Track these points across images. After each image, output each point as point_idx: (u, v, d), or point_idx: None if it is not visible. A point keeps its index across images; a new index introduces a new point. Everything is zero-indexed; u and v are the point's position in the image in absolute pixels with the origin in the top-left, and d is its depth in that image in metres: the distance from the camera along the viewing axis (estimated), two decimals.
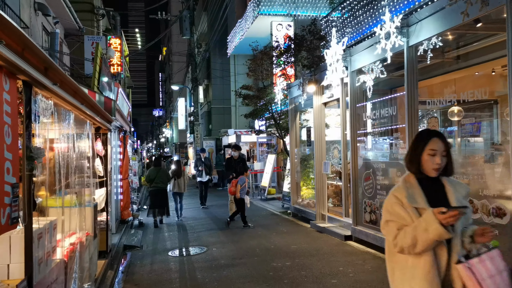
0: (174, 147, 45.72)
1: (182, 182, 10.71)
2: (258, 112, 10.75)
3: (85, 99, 4.01)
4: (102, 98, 6.50)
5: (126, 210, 10.02)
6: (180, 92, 32.63)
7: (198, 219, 10.68)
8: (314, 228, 8.29)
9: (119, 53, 13.02)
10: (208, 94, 24.50)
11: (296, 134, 10.18)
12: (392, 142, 6.22)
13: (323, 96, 8.70)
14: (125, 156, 10.09)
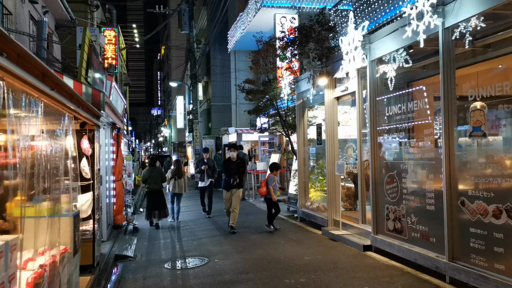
0: (173, 147, 44.91)
1: (182, 182, 10.12)
2: (263, 109, 9.94)
3: (58, 84, 3.22)
4: (90, 90, 5.70)
5: (119, 215, 9.22)
6: (178, 89, 31.82)
7: (198, 223, 9.88)
8: (327, 236, 7.51)
9: (114, 46, 12.21)
10: (207, 91, 23.69)
11: (304, 132, 9.39)
12: (422, 140, 5.42)
13: (335, 90, 7.91)
14: (119, 155, 9.28)
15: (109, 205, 8.96)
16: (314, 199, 9.60)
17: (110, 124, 8.95)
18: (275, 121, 10.60)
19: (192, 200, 14.52)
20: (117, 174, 9.18)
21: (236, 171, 8.57)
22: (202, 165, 10.56)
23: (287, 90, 9.26)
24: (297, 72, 9.81)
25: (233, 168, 8.56)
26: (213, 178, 10.67)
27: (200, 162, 10.78)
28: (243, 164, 8.69)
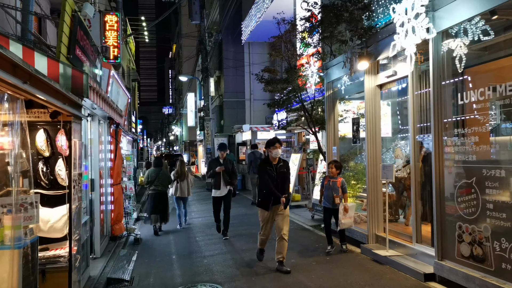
0: (184, 145, 43.79)
1: (185, 185, 9.18)
2: (285, 101, 8.48)
3: None
4: (69, 71, 4.36)
5: (118, 224, 7.89)
6: (189, 86, 30.56)
7: (209, 234, 8.50)
8: (369, 256, 6.04)
9: (116, 33, 10.91)
10: (219, 86, 22.32)
11: (334, 128, 7.92)
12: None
13: (378, 76, 6.44)
14: (118, 155, 7.95)
15: (106, 213, 7.65)
16: None
17: (107, 119, 7.64)
18: (298, 116, 9.11)
19: (202, 204, 13.15)
20: (115, 177, 7.85)
21: (280, 179, 5.65)
22: (216, 166, 7.76)
23: (315, 79, 7.80)
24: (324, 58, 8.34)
25: (275, 175, 5.62)
26: (233, 185, 7.82)
27: (213, 163, 7.93)
28: (288, 169, 5.80)
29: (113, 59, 11.19)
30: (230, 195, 7.91)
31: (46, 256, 4.03)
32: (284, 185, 5.68)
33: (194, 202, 13.73)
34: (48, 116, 4.08)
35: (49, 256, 4.01)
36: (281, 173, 5.66)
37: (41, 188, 4.30)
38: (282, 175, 5.68)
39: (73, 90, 4.45)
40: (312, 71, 7.89)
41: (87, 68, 6.43)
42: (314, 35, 8.28)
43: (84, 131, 5.58)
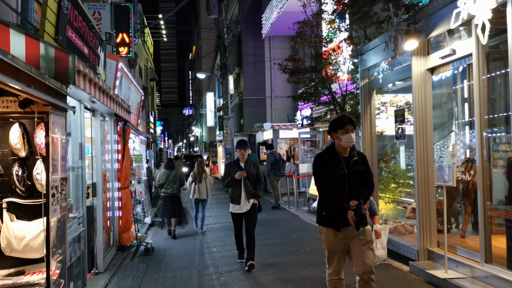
0: (204, 146, 43.21)
1: (204, 187, 8.66)
2: (312, 94, 7.43)
3: None
4: (52, 51, 3.51)
5: (126, 232, 7.05)
6: (208, 85, 29.83)
7: (228, 244, 7.56)
8: (421, 276, 4.96)
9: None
10: (239, 84, 21.42)
11: (370, 122, 6.85)
12: None
13: (429, 58, 5.36)
14: (126, 156, 7.12)
15: (113, 221, 6.81)
16: (385, 214, 7.06)
17: (113, 116, 6.82)
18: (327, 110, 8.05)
19: (223, 208, 12.24)
20: (123, 180, 7.02)
21: (355, 181, 3.45)
22: (235, 171, 5.68)
23: (347, 66, 6.75)
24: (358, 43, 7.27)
25: (345, 173, 3.43)
26: (258, 197, 5.76)
27: (232, 166, 5.86)
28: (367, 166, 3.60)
29: (125, 54, 10.41)
30: (255, 211, 5.78)
31: (19, 283, 3.16)
32: (361, 190, 3.45)
33: (212, 206, 12.84)
34: (16, 105, 3.22)
35: (22, 284, 3.14)
36: (356, 172, 3.43)
37: (16, 197, 3.45)
38: (358, 175, 3.44)
39: (58, 76, 3.59)
40: (344, 57, 6.85)
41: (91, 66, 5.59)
42: (345, 18, 7.24)
43: (78, 126, 4.74)
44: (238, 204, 5.71)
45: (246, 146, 5.88)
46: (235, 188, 5.70)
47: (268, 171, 11.48)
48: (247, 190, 5.66)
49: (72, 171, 4.48)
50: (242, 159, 5.80)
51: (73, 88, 4.14)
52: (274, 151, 11.72)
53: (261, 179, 5.86)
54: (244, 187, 5.65)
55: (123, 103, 6.53)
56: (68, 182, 4.07)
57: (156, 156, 25.03)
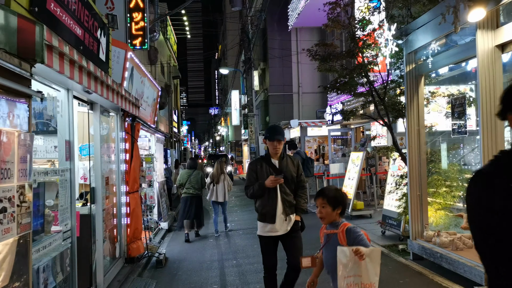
0: (229, 146, 42.59)
1: (221, 188, 8.31)
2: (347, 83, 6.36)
3: None
4: (14, 20, 2.69)
5: (135, 242, 6.26)
6: (232, 82, 29.06)
7: (251, 256, 6.65)
8: None
9: (141, 14, 9.37)
10: (264, 80, 20.47)
11: (418, 115, 5.76)
12: None
13: (499, 31, 4.24)
14: (134, 156, 6.32)
15: (120, 229, 6.04)
16: (435, 223, 5.95)
17: (120, 111, 6.04)
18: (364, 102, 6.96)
19: (246, 212, 11.34)
20: (131, 183, 6.23)
21: None
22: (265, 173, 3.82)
23: (390, 49, 5.68)
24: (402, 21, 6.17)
25: None
26: (303, 211, 3.93)
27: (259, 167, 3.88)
28: None
29: (139, 46, 9.67)
30: (298, 233, 3.89)
31: None
32: None
33: (235, 208, 11.99)
34: None
35: None
36: None
37: None
38: None
39: (21, 51, 2.77)
40: (386, 38, 5.77)
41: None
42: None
43: (66, 121, 3.93)
44: (272, 223, 3.75)
45: (281, 136, 3.81)
46: (267, 200, 3.76)
47: None
48: (286, 201, 3.76)
49: (56, 175, 3.67)
50: (275, 155, 3.83)
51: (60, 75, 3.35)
52: (299, 150, 10.72)
53: (304, 182, 3.97)
54: (282, 197, 3.75)
55: (129, 96, 5.72)
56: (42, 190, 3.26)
57: (180, 156, 24.46)
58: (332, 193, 2.72)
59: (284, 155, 3.89)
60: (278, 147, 3.80)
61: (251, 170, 3.93)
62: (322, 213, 2.69)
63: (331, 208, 2.67)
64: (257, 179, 3.82)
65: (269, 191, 3.75)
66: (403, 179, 6.59)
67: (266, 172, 3.78)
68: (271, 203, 3.76)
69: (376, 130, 11.50)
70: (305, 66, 18.06)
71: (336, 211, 2.68)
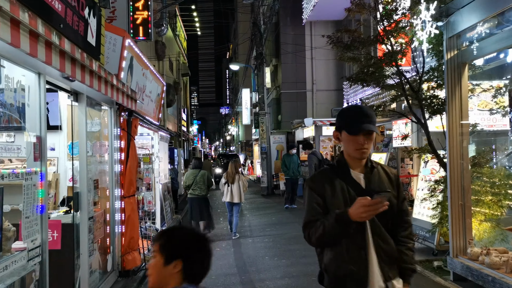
0: (240, 146, 41.87)
1: (236, 189, 8.00)
2: (374, 73, 5.48)
3: None
4: None
5: (131, 254, 5.51)
6: (243, 80, 28.28)
7: (267, 268, 5.84)
8: None
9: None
10: (276, 77, 19.63)
11: (461, 111, 4.89)
12: None
13: None
14: (131, 155, 5.57)
15: (113, 239, 5.30)
16: (477, 237, 5.08)
17: (114, 104, 5.32)
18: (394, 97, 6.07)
19: (259, 216, 10.50)
20: (126, 186, 5.48)
21: None
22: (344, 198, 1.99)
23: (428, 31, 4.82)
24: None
25: None
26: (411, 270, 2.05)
27: (330, 186, 2.01)
28: None
29: (142, 36, 8.95)
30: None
31: None
32: None
33: (245, 213, 11.19)
34: None
35: None
36: None
37: None
38: None
39: None
40: (422, 18, 4.91)
41: None
42: None
43: (37, 113, 3.18)
44: None
45: (373, 124, 1.98)
46: (348, 250, 1.96)
47: (310, 174, 9.68)
48: (383, 252, 1.98)
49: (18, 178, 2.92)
50: (359, 161, 2.04)
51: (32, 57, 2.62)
52: (315, 150, 9.92)
53: (409, 214, 2.17)
54: (376, 243, 1.97)
55: (123, 87, 4.97)
56: None
57: (189, 156, 23.78)
58: (167, 235, 1.58)
59: (372, 163, 2.06)
60: (366, 147, 1.96)
61: (313, 192, 2.03)
62: (150, 268, 1.56)
63: (162, 260, 1.51)
64: (325, 208, 1.98)
65: (353, 233, 1.91)
66: (438, 185, 5.71)
67: (344, 195, 1.97)
68: (356, 256, 1.94)
69: (398, 129, 10.59)
70: (320, 62, 17.19)
71: (170, 268, 1.50)
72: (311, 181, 2.10)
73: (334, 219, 1.87)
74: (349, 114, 2.05)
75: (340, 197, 1.97)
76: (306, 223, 2.00)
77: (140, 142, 8.70)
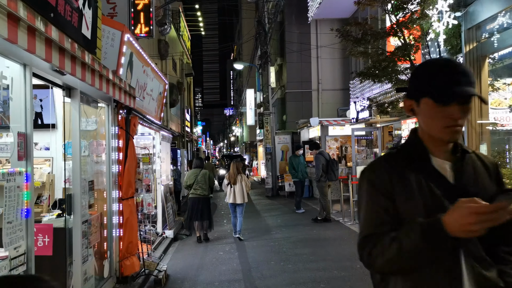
0: (244, 146, 41.58)
1: (239, 189, 7.84)
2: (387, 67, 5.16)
3: None
4: None
5: (129, 259, 5.23)
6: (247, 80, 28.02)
7: (267, 276, 5.53)
8: None
9: None
10: (281, 77, 19.34)
11: (480, 107, 4.57)
12: None
13: None
14: (129, 155, 5.30)
15: (110, 244, 5.03)
16: None
17: (111, 102, 5.06)
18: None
19: (260, 218, 10.20)
20: (125, 188, 5.20)
21: None
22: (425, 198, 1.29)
23: (445, 22, 4.50)
24: None
25: None
26: None
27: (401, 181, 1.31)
28: None
29: (144, 33, 8.70)
30: None
31: None
32: None
33: (251, 214, 10.88)
34: None
35: None
36: None
37: None
38: None
39: None
40: (439, 9, 4.59)
41: None
42: None
43: (22, 108, 2.90)
44: None
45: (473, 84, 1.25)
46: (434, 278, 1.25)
47: (317, 175, 9.36)
48: (484, 280, 1.26)
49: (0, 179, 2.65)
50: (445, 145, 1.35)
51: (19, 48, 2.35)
52: (322, 150, 9.60)
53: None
54: (471, 268, 1.25)
55: (120, 83, 4.70)
56: None
57: (193, 157, 23.53)
58: None
59: (462, 148, 1.40)
60: (460, 123, 1.29)
61: (375, 190, 1.35)
62: None
63: None
64: (394, 215, 1.32)
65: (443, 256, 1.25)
66: None
67: (423, 195, 1.30)
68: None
69: (408, 129, 10.28)
70: (325, 61, 16.88)
71: None
72: (371, 172, 1.38)
73: (419, 234, 1.19)
74: (437, 72, 1.29)
75: (418, 197, 1.29)
76: (366, 237, 1.32)
77: (142, 142, 8.44)
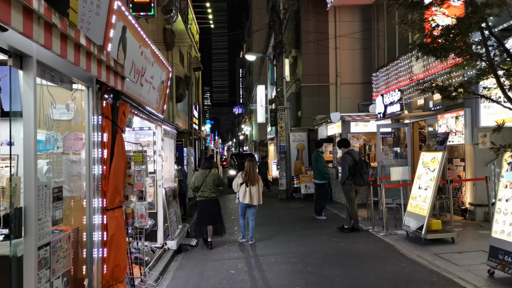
0: (253, 145, 40.35)
1: (256, 190, 7.42)
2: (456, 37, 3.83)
3: None
4: None
5: (117, 286, 4.01)
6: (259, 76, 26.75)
7: None
8: None
9: None
10: (296, 70, 18.04)
11: None
12: None
13: None
14: (116, 152, 4.09)
15: (90, 267, 3.83)
16: None
17: (94, 82, 3.89)
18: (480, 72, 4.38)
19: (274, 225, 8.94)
20: (110, 195, 4.00)
21: None
22: None
23: None
24: None
25: None
26: None
27: None
28: None
29: (145, 12, 7.51)
30: None
31: None
32: None
33: (264, 220, 9.63)
34: None
35: None
36: None
37: None
38: None
39: None
40: None
41: None
42: None
43: None
44: None
45: None
46: None
47: (342, 177, 8.08)
48: None
49: None
50: None
51: None
52: (351, 149, 8.30)
53: None
54: None
55: (102, 55, 3.48)
56: None
57: (201, 155, 22.37)
58: None
59: None
60: None
61: None
62: None
63: None
64: None
65: None
66: None
67: None
68: None
69: (446, 125, 8.95)
70: (344, 52, 15.56)
71: None
72: None
73: None
74: None
75: None
76: None
77: (145, 140, 7.28)
